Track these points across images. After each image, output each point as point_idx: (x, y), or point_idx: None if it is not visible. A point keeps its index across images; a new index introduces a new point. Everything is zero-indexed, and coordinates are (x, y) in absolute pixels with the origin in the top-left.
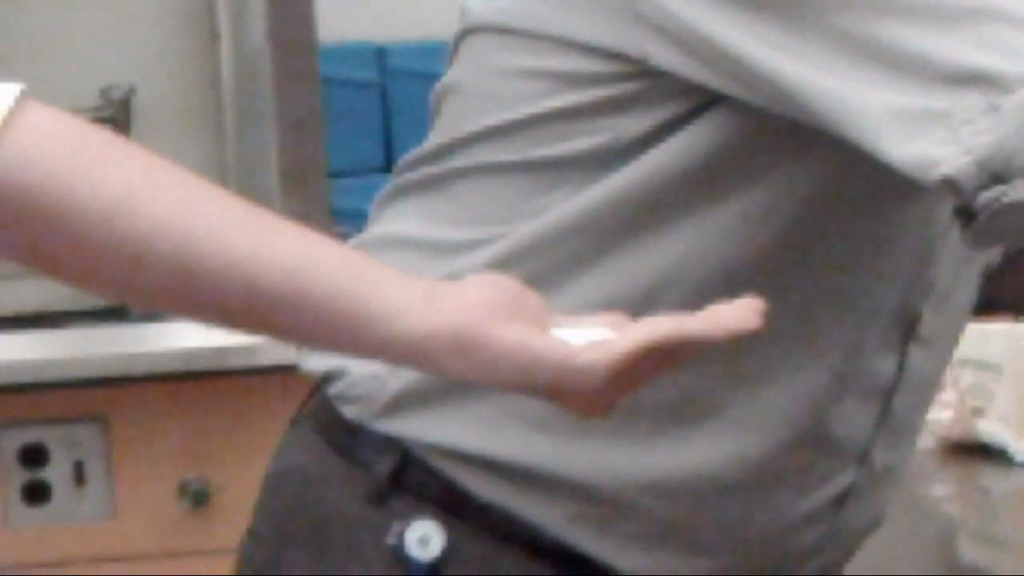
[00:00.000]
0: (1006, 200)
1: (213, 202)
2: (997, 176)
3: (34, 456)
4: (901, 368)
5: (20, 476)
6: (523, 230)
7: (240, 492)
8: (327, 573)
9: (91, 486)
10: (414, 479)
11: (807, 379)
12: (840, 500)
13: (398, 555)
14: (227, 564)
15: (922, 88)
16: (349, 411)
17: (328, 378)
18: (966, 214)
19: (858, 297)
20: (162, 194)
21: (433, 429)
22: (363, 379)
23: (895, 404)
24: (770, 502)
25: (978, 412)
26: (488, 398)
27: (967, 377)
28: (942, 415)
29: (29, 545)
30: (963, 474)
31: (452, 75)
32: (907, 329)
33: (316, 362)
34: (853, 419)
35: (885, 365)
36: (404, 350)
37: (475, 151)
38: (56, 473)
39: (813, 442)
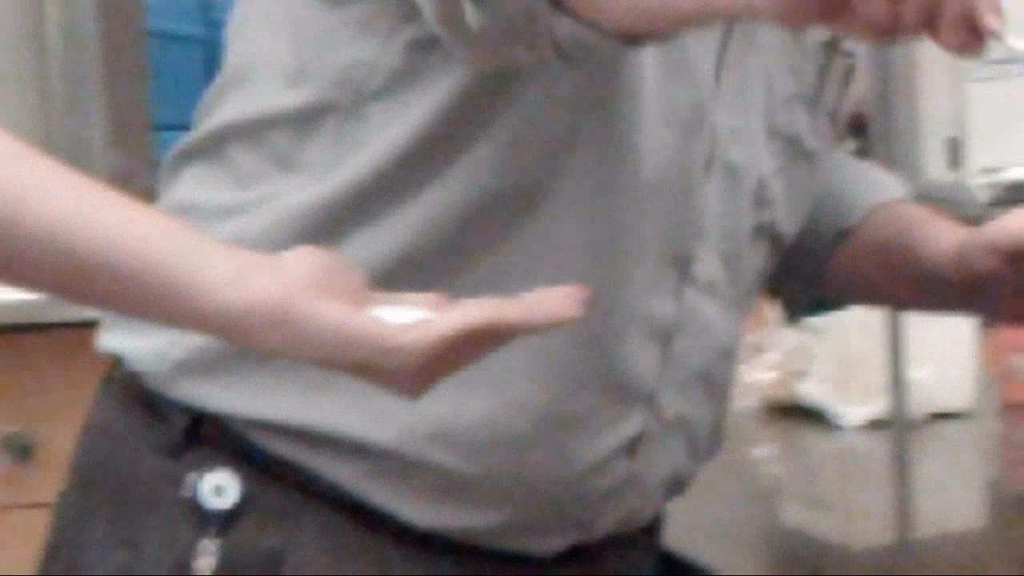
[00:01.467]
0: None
1: (32, 168)
2: None
3: None
4: (679, 311)
5: None
6: (289, 191)
7: (64, 446)
8: (128, 527)
9: None
10: (209, 433)
11: (577, 322)
12: (632, 445)
13: (193, 506)
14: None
15: None
16: (144, 379)
17: (116, 358)
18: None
19: (615, 240)
20: None
21: (218, 397)
22: (145, 358)
23: (675, 347)
24: (559, 448)
25: (799, 374)
26: (266, 363)
27: (789, 339)
28: (765, 376)
29: None
30: (784, 435)
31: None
32: (681, 271)
33: (106, 343)
34: (636, 361)
35: (663, 308)
36: (220, 323)
37: (243, 109)
38: None
39: (596, 385)
